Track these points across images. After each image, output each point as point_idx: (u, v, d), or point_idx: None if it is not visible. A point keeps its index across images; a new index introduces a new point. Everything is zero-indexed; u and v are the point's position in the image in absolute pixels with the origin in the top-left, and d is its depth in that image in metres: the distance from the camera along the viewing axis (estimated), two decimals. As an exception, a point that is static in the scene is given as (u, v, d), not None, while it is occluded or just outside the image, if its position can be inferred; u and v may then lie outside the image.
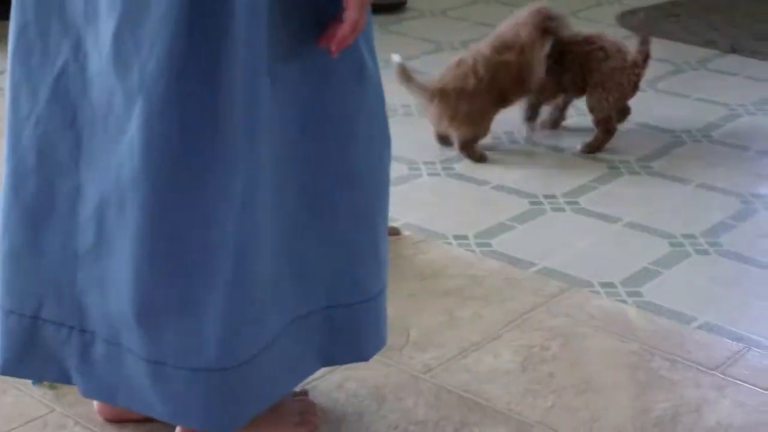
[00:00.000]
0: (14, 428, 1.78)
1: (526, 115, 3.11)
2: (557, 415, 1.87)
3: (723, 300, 2.29)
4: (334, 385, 1.92)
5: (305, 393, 1.86)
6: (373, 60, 1.59)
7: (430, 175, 2.85)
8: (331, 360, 1.69)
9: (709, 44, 3.93)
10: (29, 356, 1.60)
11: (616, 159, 2.97)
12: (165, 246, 1.43)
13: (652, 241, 2.53)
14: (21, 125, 1.50)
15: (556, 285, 2.31)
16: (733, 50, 3.88)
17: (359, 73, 1.54)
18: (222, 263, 1.45)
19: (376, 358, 1.93)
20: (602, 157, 2.98)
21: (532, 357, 2.05)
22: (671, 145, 3.09)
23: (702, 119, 3.28)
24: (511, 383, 1.96)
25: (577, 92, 3.07)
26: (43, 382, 1.85)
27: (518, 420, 1.86)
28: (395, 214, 2.59)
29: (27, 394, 1.86)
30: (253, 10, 1.38)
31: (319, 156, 1.53)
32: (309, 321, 1.60)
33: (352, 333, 1.65)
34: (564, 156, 3.00)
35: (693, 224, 2.61)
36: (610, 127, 3.03)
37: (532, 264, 2.41)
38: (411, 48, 3.85)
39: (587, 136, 3.04)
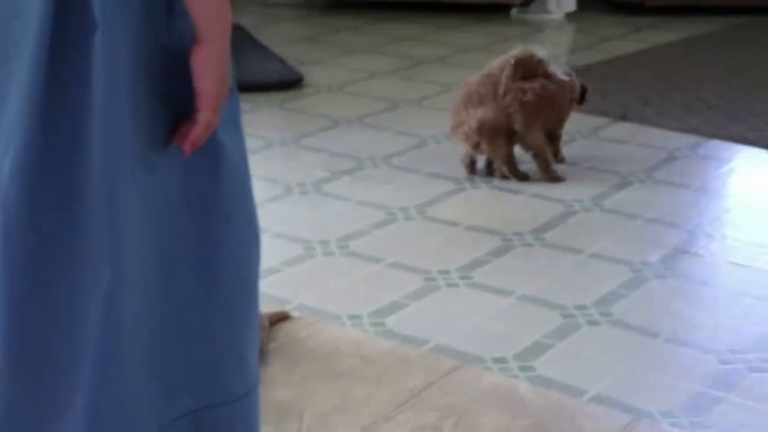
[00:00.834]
0: None
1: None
2: (449, 497, 1.87)
3: (614, 371, 2.32)
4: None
5: None
6: (235, 141, 1.55)
7: (324, 254, 2.85)
8: None
9: (601, 113, 4.01)
10: None
11: (509, 231, 3.01)
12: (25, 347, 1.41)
13: (545, 313, 2.56)
14: None
15: (449, 362, 2.31)
16: (624, 118, 3.97)
17: (215, 157, 1.50)
18: (85, 366, 1.42)
19: (266, 447, 1.92)
20: (496, 230, 3.01)
21: (424, 438, 2.05)
22: (564, 216, 3.14)
23: (594, 188, 3.34)
24: (402, 466, 1.96)
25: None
26: None
27: (409, 504, 1.85)
28: (289, 296, 2.59)
29: None
30: (113, 101, 1.37)
31: (177, 252, 1.50)
32: (177, 426, 1.58)
33: None
34: (458, 230, 3.03)
35: (585, 295, 2.65)
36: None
37: (426, 341, 2.41)
38: (308, 124, 3.87)
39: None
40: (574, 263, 2.83)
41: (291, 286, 2.64)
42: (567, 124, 3.52)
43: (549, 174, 3.37)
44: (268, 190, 3.23)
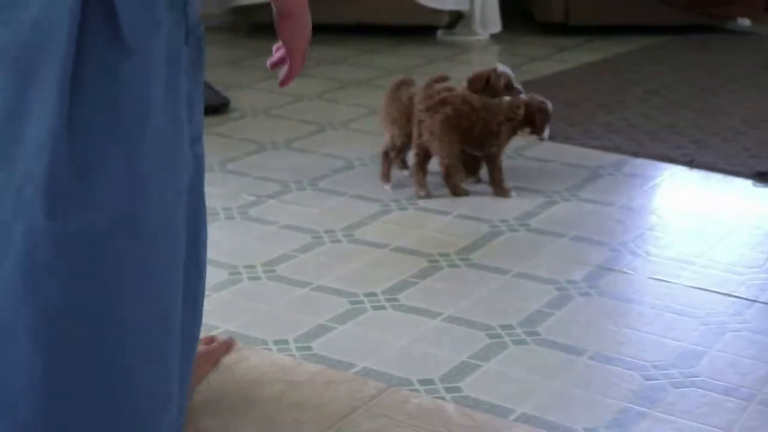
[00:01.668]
0: None
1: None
2: None
3: (540, 390, 2.33)
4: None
5: None
6: None
7: (250, 279, 2.84)
8: None
9: (526, 132, 4.03)
10: None
11: (435, 252, 3.02)
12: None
13: (471, 334, 2.57)
14: None
15: (375, 386, 2.31)
16: (550, 137, 3.99)
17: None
18: None
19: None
20: (423, 251, 3.02)
21: (351, 462, 2.04)
22: (490, 236, 3.15)
23: (520, 207, 3.36)
24: (329, 491, 1.95)
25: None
26: None
27: None
28: (216, 322, 2.57)
29: None
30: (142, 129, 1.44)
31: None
32: None
33: None
34: (385, 252, 3.03)
35: (511, 315, 2.66)
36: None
37: (352, 365, 2.41)
38: (235, 149, 3.85)
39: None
40: (501, 283, 2.85)
41: (218, 312, 2.62)
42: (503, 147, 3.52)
43: (456, 189, 3.45)
44: (194, 216, 3.20)
